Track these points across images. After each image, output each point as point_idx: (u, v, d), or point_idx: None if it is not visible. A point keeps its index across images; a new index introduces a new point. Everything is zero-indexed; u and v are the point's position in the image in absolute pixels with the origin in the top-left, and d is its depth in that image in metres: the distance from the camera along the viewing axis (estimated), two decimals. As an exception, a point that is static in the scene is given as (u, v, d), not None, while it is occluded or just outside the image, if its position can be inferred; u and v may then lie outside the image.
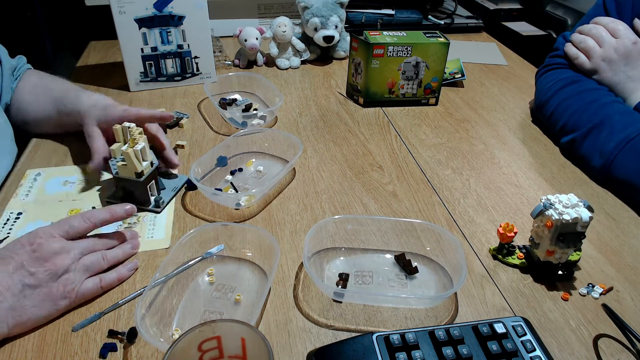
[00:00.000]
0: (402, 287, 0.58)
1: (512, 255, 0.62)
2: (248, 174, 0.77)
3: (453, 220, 0.69)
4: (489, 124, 0.95)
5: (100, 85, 1.04)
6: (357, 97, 1.02)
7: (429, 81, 1.00)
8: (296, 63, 1.17)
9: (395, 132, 0.91)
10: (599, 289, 0.57)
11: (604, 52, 0.85)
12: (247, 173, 0.78)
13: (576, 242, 0.56)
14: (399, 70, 0.98)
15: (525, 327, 0.49)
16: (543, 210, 0.56)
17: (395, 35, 0.97)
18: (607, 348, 0.51)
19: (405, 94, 1.01)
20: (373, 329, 0.53)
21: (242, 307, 0.55)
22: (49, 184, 0.72)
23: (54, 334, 0.51)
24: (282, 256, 0.62)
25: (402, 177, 0.78)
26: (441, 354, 0.46)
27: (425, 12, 1.45)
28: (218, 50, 1.23)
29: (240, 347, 0.41)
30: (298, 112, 0.97)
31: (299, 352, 0.50)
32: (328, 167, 0.80)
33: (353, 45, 0.99)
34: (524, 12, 1.55)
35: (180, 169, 0.77)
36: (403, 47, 0.95)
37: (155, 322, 0.51)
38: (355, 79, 1.01)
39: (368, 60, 0.96)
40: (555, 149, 0.87)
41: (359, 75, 1.00)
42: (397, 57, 0.96)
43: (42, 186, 0.72)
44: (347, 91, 1.06)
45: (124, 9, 0.94)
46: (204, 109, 0.97)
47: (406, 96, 1.01)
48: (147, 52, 0.99)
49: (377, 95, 1.00)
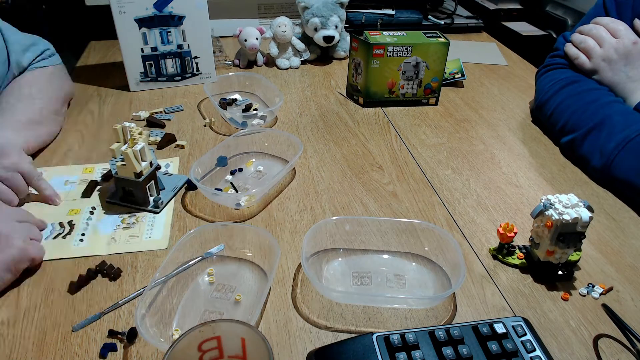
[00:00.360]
0: (401, 287, 0.58)
1: (512, 255, 0.62)
2: (248, 174, 0.77)
3: (453, 220, 0.69)
4: (489, 124, 0.95)
5: (100, 85, 1.04)
6: (357, 97, 1.02)
7: (429, 81, 1.00)
8: (296, 63, 1.17)
9: (395, 132, 0.91)
10: (599, 289, 0.57)
11: (604, 52, 0.85)
12: (247, 173, 0.78)
13: (576, 242, 0.56)
14: (399, 70, 0.98)
15: (525, 327, 0.49)
16: (543, 210, 0.56)
17: (395, 35, 0.97)
18: (607, 348, 0.51)
19: (405, 94, 1.01)
20: (373, 329, 0.53)
21: (242, 307, 0.55)
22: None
23: (54, 334, 0.51)
24: (282, 256, 0.62)
25: (402, 177, 0.78)
26: (441, 354, 0.46)
27: (425, 12, 1.45)
28: (218, 50, 1.23)
29: (240, 347, 0.41)
30: (298, 112, 0.97)
31: (299, 352, 0.50)
32: (328, 167, 0.80)
33: (353, 46, 0.99)
34: (524, 12, 1.55)
35: (181, 169, 0.77)
36: (403, 47, 0.95)
37: (155, 322, 0.51)
38: (355, 79, 1.01)
39: (368, 60, 0.96)
40: (555, 149, 0.87)
41: (359, 75, 1.00)
42: (397, 57, 0.96)
43: None
44: (347, 91, 1.06)
45: (124, 9, 0.94)
46: (204, 109, 0.97)
47: (406, 96, 1.01)
48: (147, 52, 0.99)
49: (377, 95, 1.00)
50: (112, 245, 0.62)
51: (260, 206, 0.70)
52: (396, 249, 0.62)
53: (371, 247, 0.63)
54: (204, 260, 0.60)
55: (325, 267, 0.60)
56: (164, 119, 0.92)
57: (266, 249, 0.59)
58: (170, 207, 0.69)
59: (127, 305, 0.54)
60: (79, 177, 0.74)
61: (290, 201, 0.72)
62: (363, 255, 0.62)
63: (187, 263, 0.59)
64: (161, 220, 0.67)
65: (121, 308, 0.54)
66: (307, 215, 0.69)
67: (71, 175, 0.75)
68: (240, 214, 0.69)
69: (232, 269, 0.60)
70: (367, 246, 0.63)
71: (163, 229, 0.65)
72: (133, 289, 0.56)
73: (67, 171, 0.76)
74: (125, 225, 0.66)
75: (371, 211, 0.70)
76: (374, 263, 0.61)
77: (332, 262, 0.61)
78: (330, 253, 0.62)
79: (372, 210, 0.70)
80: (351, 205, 0.71)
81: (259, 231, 0.60)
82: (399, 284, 0.58)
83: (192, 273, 0.59)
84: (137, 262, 0.60)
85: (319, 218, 0.68)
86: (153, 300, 0.54)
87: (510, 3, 1.55)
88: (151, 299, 0.54)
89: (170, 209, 0.69)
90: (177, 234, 0.65)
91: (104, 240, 0.63)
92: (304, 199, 0.72)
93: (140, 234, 0.64)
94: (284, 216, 0.69)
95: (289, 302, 0.55)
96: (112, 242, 0.63)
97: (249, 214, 0.69)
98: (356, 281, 0.59)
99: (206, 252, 0.60)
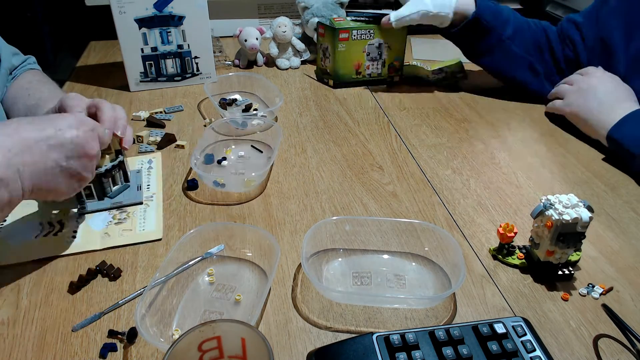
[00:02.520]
0: (401, 287, 0.58)
1: (512, 256, 0.62)
2: (234, 161, 0.81)
3: (453, 220, 0.69)
4: (489, 124, 0.95)
5: (100, 85, 1.04)
6: (327, 79, 1.09)
7: (392, 61, 1.09)
8: (296, 63, 1.17)
9: (395, 132, 0.91)
10: (599, 289, 0.57)
11: (574, 87, 0.91)
12: (230, 161, 0.81)
13: (576, 242, 0.56)
14: (364, 52, 1.05)
15: (525, 328, 0.49)
16: (543, 210, 0.56)
17: (358, 19, 1.06)
18: (607, 348, 0.51)
19: (371, 74, 1.09)
20: (373, 329, 0.53)
21: (242, 307, 0.55)
22: None
23: (54, 334, 0.51)
24: (282, 256, 0.62)
25: (402, 177, 0.78)
26: (441, 354, 0.46)
27: (425, 12, 1.45)
28: (218, 50, 1.23)
29: (240, 347, 0.41)
30: (298, 112, 0.97)
31: (299, 352, 0.50)
32: (328, 167, 0.80)
33: (320, 32, 1.07)
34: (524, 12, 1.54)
35: (181, 169, 0.77)
36: (366, 31, 1.03)
37: (155, 322, 0.51)
38: (324, 63, 1.09)
39: (335, 44, 1.03)
40: (555, 149, 0.87)
41: (327, 59, 1.07)
42: (361, 39, 1.04)
43: None
44: (317, 75, 1.13)
45: (124, 9, 0.94)
46: (204, 109, 0.97)
47: (372, 76, 1.09)
48: (147, 52, 0.99)
49: (345, 76, 1.07)
50: (106, 239, 0.63)
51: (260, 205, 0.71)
52: (396, 249, 0.62)
53: (371, 247, 0.63)
54: (204, 260, 0.60)
55: (325, 267, 0.60)
56: (164, 119, 0.92)
57: (266, 249, 0.59)
58: (160, 199, 0.70)
59: (127, 305, 0.54)
60: None
61: (290, 201, 0.72)
62: (363, 255, 0.62)
63: (187, 263, 0.59)
64: (152, 213, 0.68)
65: (121, 308, 0.54)
66: (307, 215, 0.69)
67: None
68: (241, 214, 0.69)
69: (232, 269, 0.60)
70: (367, 246, 0.63)
71: (155, 220, 0.66)
72: (133, 289, 0.56)
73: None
74: (117, 221, 0.66)
75: (371, 211, 0.70)
76: (374, 263, 0.61)
77: (332, 262, 0.61)
78: (330, 253, 0.62)
79: (372, 210, 0.70)
80: (351, 205, 0.71)
81: (259, 231, 0.60)
82: (399, 284, 0.58)
83: (192, 273, 0.59)
84: (137, 262, 0.60)
85: (319, 218, 0.68)
86: (153, 300, 0.54)
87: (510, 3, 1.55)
88: (151, 299, 0.54)
89: (159, 201, 0.70)
90: (172, 227, 0.65)
91: (97, 235, 0.63)
92: (303, 199, 0.72)
93: (134, 227, 0.65)
94: (284, 216, 0.69)
95: (289, 302, 0.55)
96: (106, 237, 0.63)
97: (250, 213, 0.69)
98: (356, 281, 0.59)
99: (206, 252, 0.60)
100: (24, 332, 0.51)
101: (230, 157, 0.82)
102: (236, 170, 0.79)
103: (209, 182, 0.73)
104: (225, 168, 0.79)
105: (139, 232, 0.64)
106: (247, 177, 0.74)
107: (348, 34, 1.02)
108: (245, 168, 0.79)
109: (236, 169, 0.79)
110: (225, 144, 0.84)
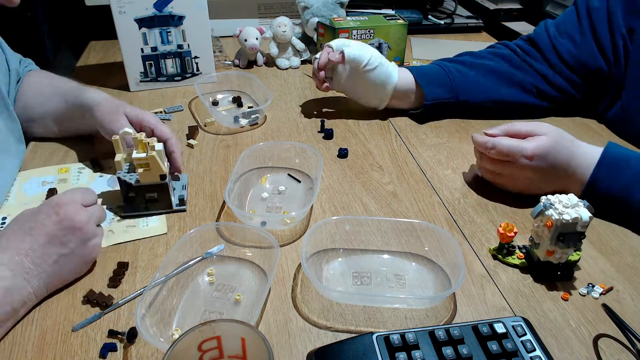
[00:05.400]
0: (401, 287, 0.58)
1: (512, 255, 0.62)
2: (269, 192, 0.73)
3: (453, 220, 0.69)
4: (489, 124, 0.95)
5: (100, 85, 1.04)
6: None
7: (392, 61, 1.02)
8: (296, 63, 1.17)
9: (395, 132, 0.91)
10: (599, 289, 0.57)
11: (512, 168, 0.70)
12: (264, 190, 0.73)
13: (576, 242, 0.56)
14: None
15: (525, 327, 0.49)
16: (543, 210, 0.56)
17: (358, 19, 1.05)
18: (607, 348, 0.51)
19: None
20: (373, 329, 0.53)
21: (242, 307, 0.55)
22: (27, 186, 0.72)
23: (54, 334, 0.51)
24: (282, 256, 0.62)
25: (402, 177, 0.78)
26: (441, 354, 0.46)
27: (425, 12, 1.45)
28: (218, 50, 1.23)
29: (240, 347, 0.41)
30: (298, 112, 0.97)
31: (299, 352, 0.50)
32: (328, 167, 0.80)
33: (320, 32, 1.06)
34: (524, 12, 1.55)
35: (184, 169, 0.77)
36: (366, 30, 1.03)
37: (155, 322, 0.52)
38: None
39: None
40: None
41: None
42: (361, 39, 1.03)
43: (20, 189, 0.71)
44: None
45: (124, 9, 0.94)
46: (201, 109, 0.97)
47: None
48: (147, 52, 0.99)
49: None
50: (110, 237, 0.63)
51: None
52: (396, 249, 0.62)
53: (371, 247, 0.63)
54: (204, 260, 0.60)
55: (325, 267, 0.60)
56: (164, 119, 0.92)
57: (266, 249, 0.59)
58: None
59: (127, 305, 0.54)
60: (56, 177, 0.74)
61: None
62: (363, 255, 0.62)
63: (187, 263, 0.59)
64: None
65: (121, 308, 0.54)
66: (307, 215, 0.69)
67: (47, 176, 0.74)
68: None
69: (232, 269, 0.60)
70: (367, 246, 0.63)
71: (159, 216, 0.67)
72: (133, 289, 0.56)
73: (43, 172, 0.75)
74: (120, 218, 0.67)
75: (371, 211, 0.70)
76: (374, 263, 0.61)
77: (332, 262, 0.61)
78: (330, 253, 0.62)
79: (372, 210, 0.70)
80: (351, 205, 0.71)
81: (259, 231, 0.60)
82: (398, 284, 0.58)
83: (192, 273, 0.59)
84: (137, 262, 0.60)
85: (318, 218, 0.68)
86: (153, 300, 0.54)
87: (510, 3, 1.55)
88: (151, 299, 0.54)
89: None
90: (173, 229, 0.65)
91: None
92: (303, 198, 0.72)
93: (137, 223, 0.66)
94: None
95: (289, 302, 0.55)
96: (110, 235, 0.63)
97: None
98: (356, 281, 0.59)
99: (206, 252, 0.60)
100: (23, 332, 0.51)
101: (266, 185, 0.75)
102: (273, 204, 0.71)
103: (246, 220, 0.66)
104: (264, 201, 0.71)
105: (142, 228, 0.65)
106: (286, 217, 0.67)
107: (348, 33, 1.02)
108: (283, 201, 0.71)
109: (272, 203, 0.71)
110: (258, 173, 0.77)
